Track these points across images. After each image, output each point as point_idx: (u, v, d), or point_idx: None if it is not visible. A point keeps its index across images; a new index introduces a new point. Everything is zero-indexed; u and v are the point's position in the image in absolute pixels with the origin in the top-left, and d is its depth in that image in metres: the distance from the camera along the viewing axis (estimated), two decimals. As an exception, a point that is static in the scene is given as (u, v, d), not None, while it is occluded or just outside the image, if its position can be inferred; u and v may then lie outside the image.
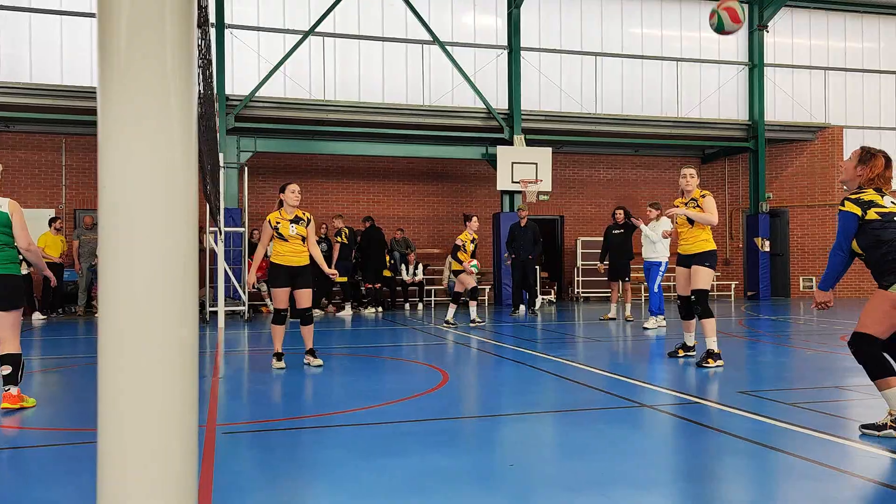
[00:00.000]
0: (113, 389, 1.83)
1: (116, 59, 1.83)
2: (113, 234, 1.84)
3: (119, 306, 1.85)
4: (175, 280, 1.86)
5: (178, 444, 1.84)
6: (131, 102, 1.84)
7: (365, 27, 14.66)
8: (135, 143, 1.84)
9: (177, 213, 1.88)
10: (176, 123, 1.88)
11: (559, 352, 7.59)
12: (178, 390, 1.87)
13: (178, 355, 1.88)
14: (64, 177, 14.41)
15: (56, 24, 12.94)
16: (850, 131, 17.42)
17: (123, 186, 1.83)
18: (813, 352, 7.52)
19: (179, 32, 1.88)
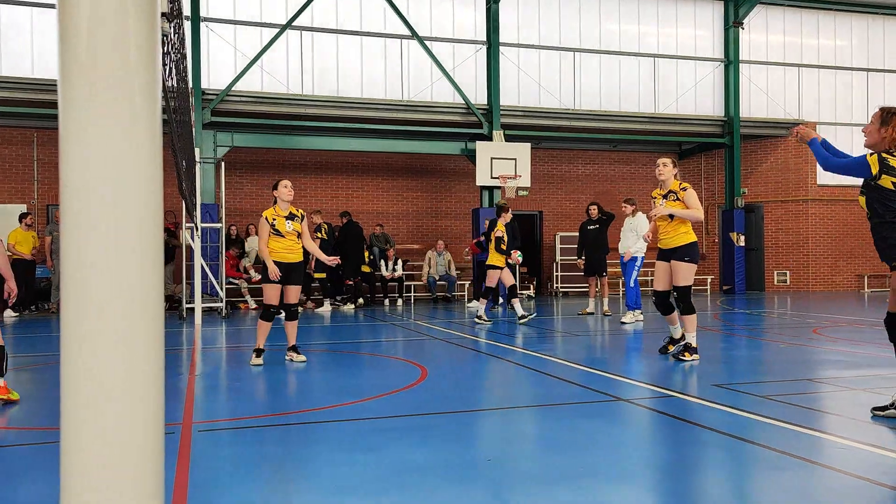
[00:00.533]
0: (76, 382, 1.80)
1: (78, 52, 1.79)
2: (74, 232, 1.80)
3: (81, 297, 1.81)
4: (139, 272, 1.83)
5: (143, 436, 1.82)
6: (94, 96, 1.80)
7: (343, 21, 14.58)
8: (97, 138, 1.80)
9: (141, 209, 1.85)
10: (141, 118, 1.85)
11: (537, 346, 7.63)
12: (144, 381, 1.85)
13: (143, 346, 1.85)
14: (35, 171, 14.17)
15: (26, 15, 12.71)
16: (823, 127, 17.68)
17: (85, 182, 1.79)
18: (786, 345, 7.64)
19: (143, 25, 1.84)
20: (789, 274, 17.71)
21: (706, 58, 16.96)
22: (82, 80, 1.72)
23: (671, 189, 6.64)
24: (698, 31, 16.99)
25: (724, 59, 17.02)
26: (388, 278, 14.57)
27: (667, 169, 6.77)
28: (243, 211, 15.31)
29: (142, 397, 1.80)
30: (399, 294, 14.80)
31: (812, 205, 17.52)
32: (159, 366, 1.87)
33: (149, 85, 1.78)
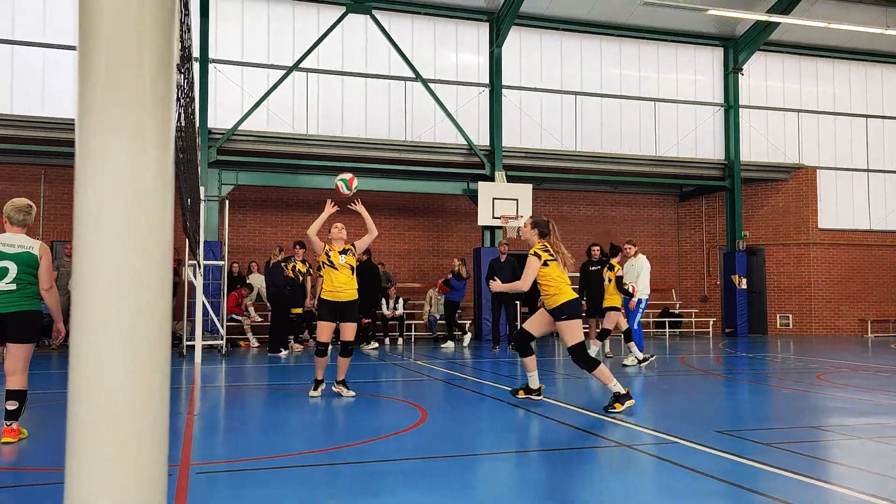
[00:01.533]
0: (82, 415, 1.81)
1: (94, 95, 1.84)
2: (86, 268, 1.83)
3: (90, 335, 1.83)
4: (148, 311, 1.86)
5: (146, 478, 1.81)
6: (108, 137, 1.84)
7: (348, 63, 14.83)
8: (110, 178, 1.84)
9: (151, 248, 1.88)
10: (152, 161, 1.89)
11: (539, 389, 7.56)
12: (149, 420, 1.85)
13: (148, 386, 1.85)
14: (42, 208, 14.27)
15: (39, 55, 12.95)
16: (822, 172, 17.83)
17: (97, 218, 1.82)
18: (791, 391, 7.58)
19: (158, 72, 1.90)
20: (792, 317, 17.64)
21: (706, 102, 17.19)
22: (99, 122, 1.76)
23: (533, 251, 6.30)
24: (698, 76, 17.25)
25: (725, 103, 17.25)
26: (388, 317, 14.54)
27: (525, 230, 6.52)
28: (246, 248, 15.37)
29: (148, 433, 1.80)
30: (399, 333, 14.75)
31: (814, 248, 17.55)
32: (164, 403, 1.87)
33: (162, 130, 1.82)
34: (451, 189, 15.42)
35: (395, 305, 14.64)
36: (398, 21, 15.11)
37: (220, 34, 14.00)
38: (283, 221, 15.95)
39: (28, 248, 4.75)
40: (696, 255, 18.56)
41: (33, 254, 4.74)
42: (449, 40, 15.53)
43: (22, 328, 4.71)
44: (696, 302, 18.35)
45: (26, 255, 4.72)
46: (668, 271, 18.55)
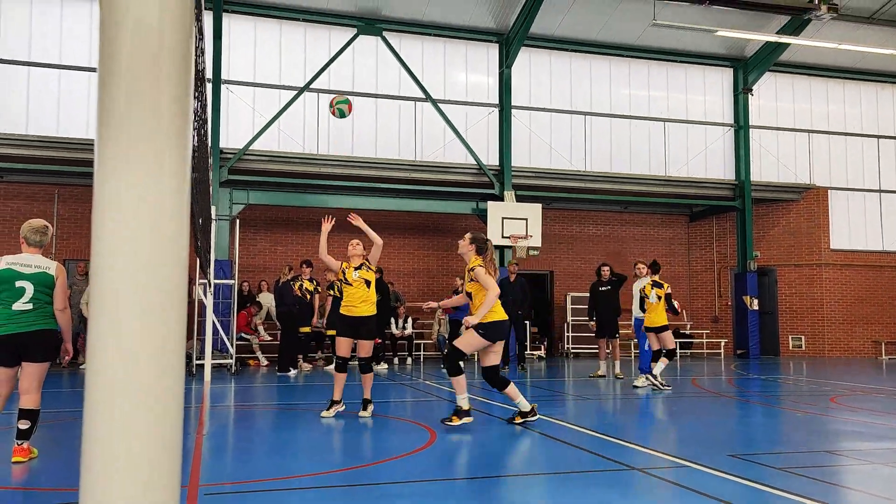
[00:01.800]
0: (98, 433, 1.82)
1: (113, 122, 1.88)
2: (104, 286, 1.86)
3: (107, 357, 1.85)
4: (162, 331, 1.88)
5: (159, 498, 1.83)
6: (126, 159, 1.88)
7: (359, 84, 14.96)
8: (128, 198, 1.88)
9: (167, 266, 1.90)
10: (168, 183, 1.92)
11: (548, 410, 7.52)
12: (163, 442, 1.86)
13: (164, 406, 1.87)
14: (56, 227, 14.40)
15: (54, 77, 13.14)
16: (834, 192, 17.74)
17: (116, 237, 1.86)
18: (804, 414, 7.49)
19: (175, 99, 1.93)
20: (804, 339, 17.47)
21: (716, 122, 17.19)
22: (117, 147, 1.80)
23: (470, 266, 6.30)
24: (708, 96, 17.27)
25: (734, 124, 17.25)
26: (397, 336, 14.51)
27: (463, 244, 6.46)
28: (256, 267, 15.41)
29: (163, 449, 1.81)
30: (408, 352, 14.71)
31: (826, 269, 17.42)
32: (178, 422, 1.88)
33: (179, 156, 1.85)
34: (461, 208, 15.45)
35: (404, 325, 14.62)
36: (408, 42, 15.25)
37: (233, 55, 14.17)
38: (293, 240, 16.01)
39: (45, 269, 4.80)
40: (707, 275, 18.46)
41: (50, 274, 4.80)
42: (459, 61, 15.65)
43: (38, 347, 4.75)
44: (707, 323, 18.22)
45: (43, 276, 4.78)
46: (679, 292, 18.43)
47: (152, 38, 1.82)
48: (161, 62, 1.84)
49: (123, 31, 1.78)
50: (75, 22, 13.35)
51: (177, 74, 1.86)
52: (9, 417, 5.54)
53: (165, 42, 1.84)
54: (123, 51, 1.81)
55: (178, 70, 1.86)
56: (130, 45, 1.82)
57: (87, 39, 13.36)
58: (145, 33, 1.80)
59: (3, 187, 14.30)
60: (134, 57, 1.81)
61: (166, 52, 1.84)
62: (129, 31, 1.78)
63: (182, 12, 1.86)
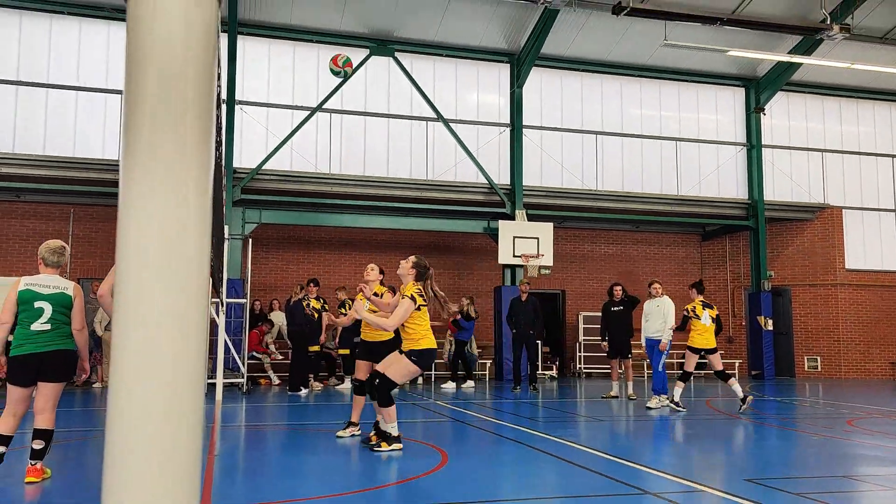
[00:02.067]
0: (121, 463, 1.83)
1: (140, 141, 1.92)
2: (127, 304, 1.89)
3: (131, 375, 1.87)
4: (185, 349, 1.91)
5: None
6: (151, 180, 1.92)
7: (371, 104, 15.07)
8: (152, 218, 1.92)
9: (189, 284, 1.93)
10: (192, 202, 1.95)
11: (560, 431, 7.45)
12: (183, 461, 1.88)
13: (185, 425, 1.89)
14: (70, 246, 14.53)
15: (71, 98, 13.34)
16: (848, 212, 17.61)
17: (139, 256, 1.89)
18: (820, 437, 7.37)
19: (199, 128, 1.97)
20: (820, 360, 17.25)
21: (728, 142, 17.15)
22: (143, 171, 1.83)
23: (404, 291, 6.13)
24: (720, 115, 17.26)
25: (747, 143, 17.20)
26: (409, 356, 14.45)
27: (405, 265, 6.27)
28: (268, 286, 15.47)
29: (182, 468, 1.82)
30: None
31: (841, 289, 17.24)
32: (197, 439, 1.88)
33: (201, 174, 1.88)
34: (472, 227, 15.47)
35: (415, 344, 14.56)
36: (420, 63, 15.37)
37: (247, 76, 14.34)
38: (305, 259, 16.07)
39: (63, 289, 4.85)
40: (721, 295, 18.31)
41: (68, 294, 4.84)
42: (470, 81, 15.74)
43: (55, 367, 4.77)
44: (721, 343, 18.02)
45: (61, 296, 4.82)
46: (692, 311, 18.30)
47: (177, 61, 1.86)
48: (185, 84, 1.87)
49: (149, 55, 1.82)
50: (92, 44, 13.56)
51: (200, 102, 1.90)
52: (22, 437, 5.56)
53: (190, 64, 1.88)
54: (149, 73, 1.85)
55: (200, 99, 1.90)
56: (156, 67, 1.86)
57: (103, 61, 13.57)
58: (170, 56, 1.84)
59: (20, 207, 14.48)
60: (159, 79, 1.85)
61: (190, 81, 1.87)
62: (154, 54, 1.82)
63: (205, 36, 1.89)
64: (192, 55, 1.91)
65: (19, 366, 4.70)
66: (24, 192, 13.81)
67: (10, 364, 4.74)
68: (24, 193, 13.98)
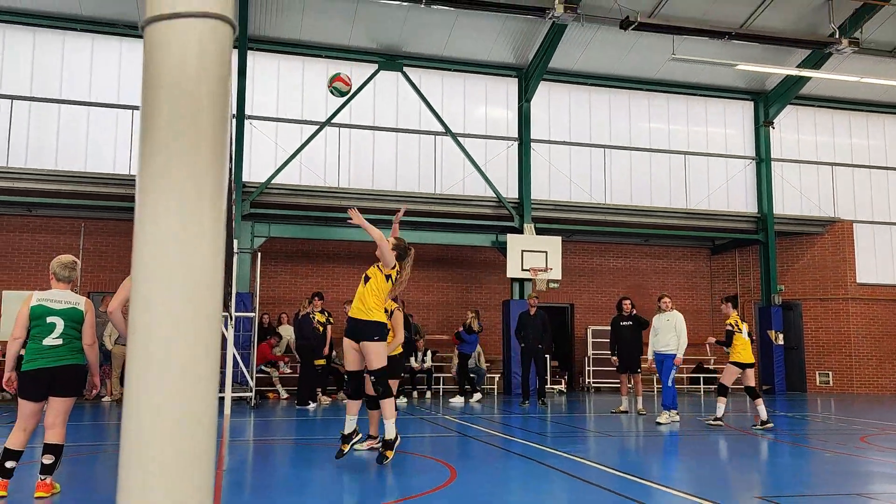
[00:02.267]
0: (136, 477, 1.84)
1: (155, 164, 1.96)
2: (143, 321, 1.90)
3: (146, 392, 1.88)
4: (199, 364, 1.92)
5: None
6: (167, 197, 1.96)
7: (380, 118, 15.15)
8: (168, 236, 1.94)
9: (203, 299, 1.95)
10: (207, 220, 1.98)
11: (569, 447, 7.40)
12: (196, 479, 1.89)
13: (198, 438, 1.90)
14: (81, 260, 14.61)
15: (83, 113, 13.47)
16: (859, 226, 17.51)
17: (154, 270, 1.91)
18: (833, 454, 7.29)
19: (214, 147, 2.01)
20: (832, 375, 17.09)
21: (737, 155, 17.12)
22: (158, 187, 1.86)
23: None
24: (728, 129, 17.24)
25: (756, 156, 17.16)
26: (416, 370, 14.43)
27: (387, 244, 6.61)
28: (277, 300, 15.49)
29: (196, 485, 1.83)
30: (427, 386, 14.61)
31: (852, 303, 17.10)
32: (210, 452, 1.89)
33: (216, 188, 1.91)
34: (480, 241, 15.47)
35: (423, 358, 14.55)
36: (428, 77, 15.45)
37: (257, 91, 14.45)
38: (313, 273, 16.10)
39: (74, 304, 4.89)
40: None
41: (79, 309, 4.88)
42: (478, 95, 15.81)
43: (66, 382, 4.79)
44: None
45: (72, 311, 4.85)
46: (702, 325, 18.19)
47: (192, 85, 1.90)
48: (201, 102, 1.91)
49: (165, 81, 1.85)
50: (104, 60, 13.72)
51: (214, 120, 1.93)
52: (31, 452, 5.57)
53: (204, 89, 1.92)
54: (163, 100, 1.88)
55: (215, 117, 1.93)
56: (171, 92, 1.89)
57: (115, 77, 13.71)
58: (185, 81, 1.88)
59: (31, 221, 14.60)
60: (175, 97, 1.88)
61: (205, 93, 1.91)
62: (170, 80, 1.85)
63: (220, 62, 1.93)
64: (206, 80, 1.95)
65: (31, 380, 4.72)
66: (35, 206, 13.94)
67: (21, 379, 4.77)
68: (35, 208, 14.11)
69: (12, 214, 14.45)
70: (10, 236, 14.52)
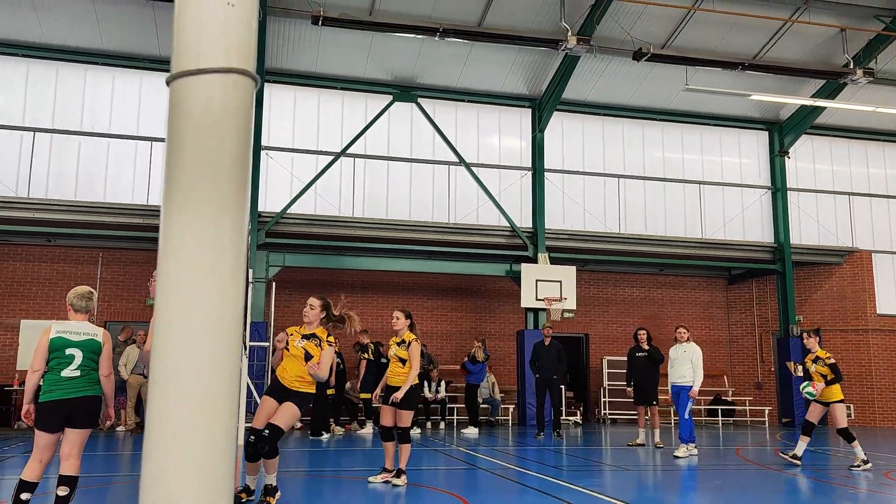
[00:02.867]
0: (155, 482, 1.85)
1: (180, 191, 2.01)
2: (166, 346, 1.93)
3: (168, 421, 1.90)
4: (220, 395, 1.94)
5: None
6: (190, 227, 2.00)
7: (394, 149, 15.27)
8: (191, 266, 1.98)
9: (225, 326, 1.98)
10: (228, 250, 2.01)
11: (585, 481, 7.28)
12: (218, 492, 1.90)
13: (219, 462, 1.91)
14: (98, 289, 14.74)
15: (103, 145, 13.70)
16: (878, 256, 17.29)
17: (177, 299, 1.95)
18: (856, 490, 7.11)
19: (235, 177, 2.05)
20: (853, 407, 16.75)
21: (752, 185, 17.04)
22: (182, 220, 1.89)
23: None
24: (743, 158, 17.19)
25: (771, 186, 17.08)
26: (430, 400, 14.32)
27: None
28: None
29: None
30: (441, 416, 14.49)
31: (873, 335, 16.82)
32: (230, 476, 1.88)
33: (237, 217, 1.94)
34: (494, 271, 15.44)
35: (437, 388, 14.45)
36: (442, 108, 15.59)
37: (273, 123, 14.64)
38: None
39: (93, 336, 4.91)
40: (748, 339, 17.98)
41: (97, 341, 4.90)
42: (492, 126, 15.91)
43: (83, 413, 4.80)
44: (749, 389, 17.65)
45: (91, 343, 4.87)
46: (720, 357, 17.98)
47: (216, 121, 1.95)
48: (224, 141, 1.95)
49: (190, 114, 1.90)
50: (125, 93, 13.97)
51: (236, 166, 1.97)
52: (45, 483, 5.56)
53: (227, 124, 1.96)
54: (189, 146, 1.93)
55: (237, 161, 1.98)
56: (196, 126, 1.94)
57: (135, 110, 13.95)
58: (210, 116, 1.92)
59: (50, 251, 14.78)
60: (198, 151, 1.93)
61: (228, 133, 1.96)
62: (195, 114, 1.90)
63: (243, 107, 1.98)
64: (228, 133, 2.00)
65: (48, 412, 4.71)
66: (55, 236, 14.12)
67: (39, 410, 4.76)
68: (55, 238, 14.29)
69: (32, 245, 14.64)
70: (30, 266, 14.69)
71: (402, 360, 7.00)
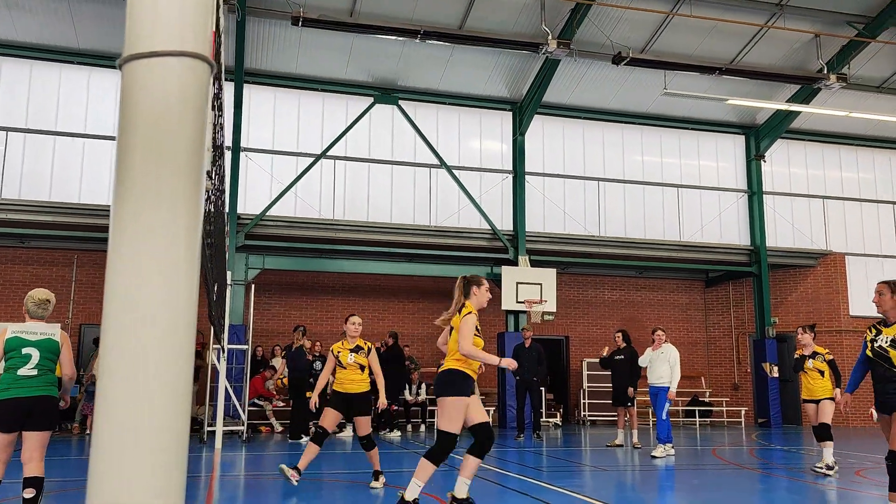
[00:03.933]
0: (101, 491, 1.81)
1: (130, 179, 1.96)
2: (114, 351, 1.88)
3: (116, 421, 1.85)
4: (172, 396, 1.89)
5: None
6: (141, 217, 1.96)
7: (375, 151, 15.24)
8: (143, 263, 1.93)
9: (177, 331, 1.93)
10: (181, 250, 1.97)
11: (565, 482, 7.32)
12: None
13: (172, 470, 1.86)
14: (73, 291, 14.55)
15: (78, 145, 13.52)
16: (851, 258, 17.58)
17: (126, 293, 1.90)
18: (828, 488, 7.22)
19: (189, 176, 2.01)
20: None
21: (729, 188, 17.25)
22: (133, 214, 1.85)
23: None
24: (720, 162, 17.40)
25: (748, 189, 17.30)
26: (410, 403, 14.30)
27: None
28: (271, 332, 15.41)
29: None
30: (422, 419, 14.47)
31: (846, 336, 17.10)
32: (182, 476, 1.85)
33: (190, 230, 1.89)
34: (475, 273, 15.45)
35: (417, 391, 14.43)
36: (423, 110, 15.60)
37: (253, 124, 14.54)
38: (308, 305, 16.05)
39: (50, 335, 4.87)
40: (725, 341, 18.18)
41: (55, 340, 4.86)
42: (473, 128, 15.95)
43: (42, 415, 4.75)
44: (726, 390, 17.85)
45: (48, 342, 4.84)
46: (697, 358, 18.16)
47: (169, 106, 1.91)
48: (178, 138, 1.91)
49: (143, 98, 1.86)
50: (101, 92, 13.81)
51: (191, 150, 1.93)
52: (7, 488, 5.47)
53: (182, 109, 1.93)
54: (141, 128, 1.90)
55: (192, 145, 1.94)
56: (149, 115, 1.91)
57: (111, 110, 13.79)
58: (164, 101, 1.88)
59: (24, 253, 14.55)
60: (151, 134, 1.89)
61: (182, 118, 1.92)
62: (148, 99, 1.86)
63: (198, 92, 1.94)
64: (183, 117, 1.96)
65: (5, 410, 4.67)
66: (28, 237, 13.90)
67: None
68: (28, 239, 14.06)
69: (5, 246, 14.40)
70: (2, 268, 14.45)
71: (361, 366, 6.87)
